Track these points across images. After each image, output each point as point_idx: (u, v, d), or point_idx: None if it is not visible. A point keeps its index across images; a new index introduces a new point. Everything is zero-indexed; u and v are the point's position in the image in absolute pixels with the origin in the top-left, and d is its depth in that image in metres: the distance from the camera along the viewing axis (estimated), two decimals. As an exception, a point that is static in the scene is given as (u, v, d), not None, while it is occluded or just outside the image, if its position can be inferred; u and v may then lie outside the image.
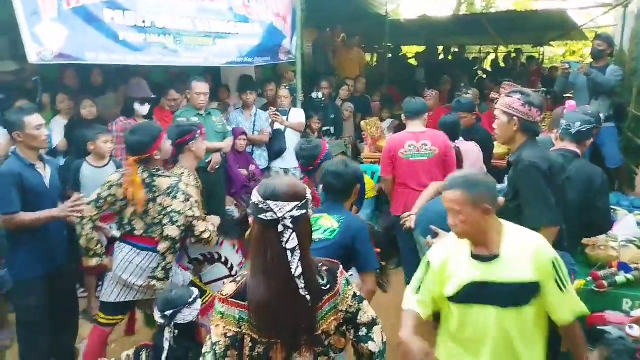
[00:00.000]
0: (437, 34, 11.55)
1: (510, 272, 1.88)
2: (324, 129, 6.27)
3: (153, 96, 4.47)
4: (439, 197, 3.25)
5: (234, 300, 1.59)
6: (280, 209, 1.52)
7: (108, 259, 2.97)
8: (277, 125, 5.41)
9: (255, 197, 1.56)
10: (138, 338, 3.36)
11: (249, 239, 1.63)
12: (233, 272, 3.35)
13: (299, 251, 1.54)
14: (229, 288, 1.62)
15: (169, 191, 2.85)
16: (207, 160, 4.48)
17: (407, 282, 3.99)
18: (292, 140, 5.40)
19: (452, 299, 1.97)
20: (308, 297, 1.55)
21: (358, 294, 1.72)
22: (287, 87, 5.66)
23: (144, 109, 4.33)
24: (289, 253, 1.53)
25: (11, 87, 4.29)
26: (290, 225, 1.53)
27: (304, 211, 1.57)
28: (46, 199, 2.94)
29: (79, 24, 3.68)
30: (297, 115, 5.48)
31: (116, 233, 3.17)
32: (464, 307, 1.96)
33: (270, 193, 1.54)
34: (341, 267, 1.72)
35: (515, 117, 2.50)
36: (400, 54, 11.92)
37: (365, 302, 1.73)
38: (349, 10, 8.69)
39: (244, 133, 5.10)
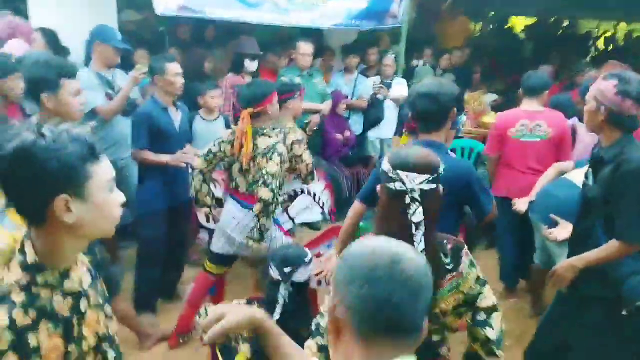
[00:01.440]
0: (551, 4, 10.64)
1: None
2: (422, 99, 6.08)
3: (261, 53, 4.54)
4: (562, 178, 3.04)
5: None
6: (410, 180, 1.49)
7: (217, 211, 3.09)
8: (377, 93, 5.31)
9: (386, 165, 1.54)
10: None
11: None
12: (316, 199, 3.36)
13: (424, 226, 1.50)
14: None
15: (265, 152, 2.79)
16: (305, 121, 4.52)
17: (501, 266, 3.90)
18: (391, 110, 5.29)
19: None
20: None
21: (482, 277, 1.67)
22: (393, 55, 5.50)
23: (253, 65, 4.41)
24: (413, 227, 1.50)
25: (134, 37, 4.50)
26: (418, 199, 1.49)
27: (434, 185, 1.52)
28: (176, 141, 3.19)
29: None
30: (400, 89, 5.31)
31: (218, 193, 3.28)
32: None
33: (401, 162, 1.50)
34: (466, 247, 1.67)
35: (603, 106, 2.09)
36: (507, 26, 11.16)
37: (488, 287, 1.67)
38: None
39: (347, 97, 5.07)
